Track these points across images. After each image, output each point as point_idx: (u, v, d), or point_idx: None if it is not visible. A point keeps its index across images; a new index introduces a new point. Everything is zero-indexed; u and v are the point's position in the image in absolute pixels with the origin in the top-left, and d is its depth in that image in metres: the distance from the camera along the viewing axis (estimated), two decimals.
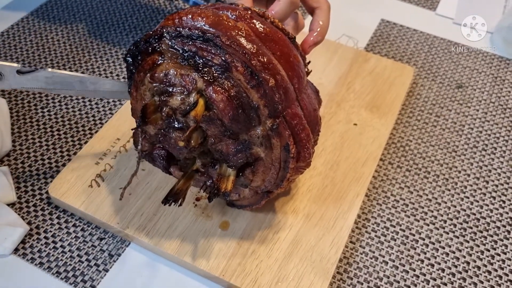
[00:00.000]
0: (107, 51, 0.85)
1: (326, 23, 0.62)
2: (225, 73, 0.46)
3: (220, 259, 0.59)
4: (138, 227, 0.61)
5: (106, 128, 0.71)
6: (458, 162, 0.73)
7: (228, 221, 0.62)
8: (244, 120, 0.47)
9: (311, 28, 0.61)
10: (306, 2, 0.63)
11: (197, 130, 0.48)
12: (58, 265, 0.59)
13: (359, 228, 0.65)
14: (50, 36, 0.87)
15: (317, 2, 0.63)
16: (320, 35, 0.61)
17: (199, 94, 0.47)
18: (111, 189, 0.64)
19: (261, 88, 0.46)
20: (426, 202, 0.68)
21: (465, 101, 0.82)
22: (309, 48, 0.59)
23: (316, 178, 0.67)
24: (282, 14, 0.57)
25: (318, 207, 0.64)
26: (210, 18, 0.48)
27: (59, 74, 0.58)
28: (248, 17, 0.49)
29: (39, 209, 0.64)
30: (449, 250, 0.64)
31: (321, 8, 0.63)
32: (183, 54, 0.47)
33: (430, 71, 0.86)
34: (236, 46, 0.46)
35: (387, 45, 0.91)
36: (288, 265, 0.59)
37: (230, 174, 0.52)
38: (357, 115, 0.75)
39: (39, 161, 0.69)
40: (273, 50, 0.48)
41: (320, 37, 0.61)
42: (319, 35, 0.61)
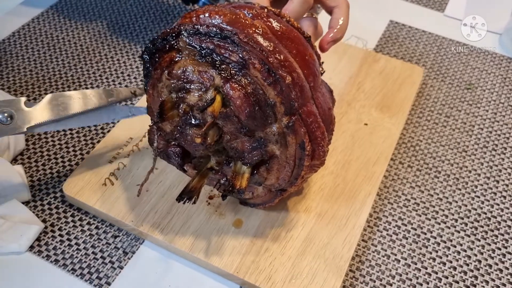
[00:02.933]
0: (118, 51, 0.86)
1: (345, 21, 0.62)
2: (242, 70, 0.47)
3: (234, 256, 0.59)
4: (152, 225, 0.61)
5: (118, 127, 0.72)
6: (469, 161, 0.73)
7: (241, 219, 0.62)
8: (261, 117, 0.48)
9: (330, 25, 0.62)
10: (324, 2, 0.63)
11: (214, 127, 0.49)
12: (73, 262, 0.60)
13: (371, 227, 0.65)
14: (61, 37, 0.88)
15: (335, 1, 0.63)
16: (340, 32, 0.61)
17: (216, 91, 0.47)
18: (125, 187, 0.65)
19: (278, 85, 0.47)
20: (437, 201, 0.68)
21: (475, 101, 0.82)
22: (327, 45, 0.60)
23: (327, 177, 0.67)
24: (295, 13, 0.57)
25: (330, 205, 0.65)
26: (227, 16, 0.48)
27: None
28: (265, 16, 0.50)
29: (53, 207, 0.65)
30: (460, 249, 0.64)
31: (339, 6, 0.63)
32: (200, 51, 0.48)
33: (439, 72, 0.87)
34: (254, 44, 0.47)
35: (396, 46, 0.91)
36: (302, 262, 0.59)
37: (244, 172, 0.53)
38: (367, 115, 0.76)
39: (52, 160, 0.70)
40: (289, 48, 0.49)
41: (340, 34, 0.61)
42: (339, 32, 0.61)
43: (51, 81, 0.80)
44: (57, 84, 0.80)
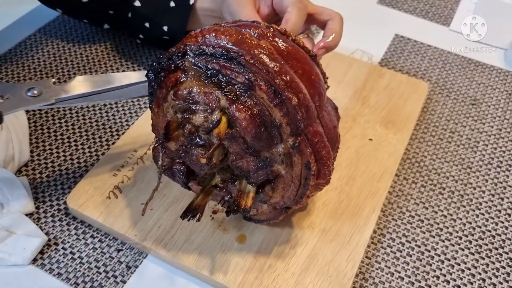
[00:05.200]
0: (124, 63, 0.86)
1: (339, 31, 0.64)
2: (248, 92, 0.47)
3: (237, 272, 0.59)
4: (156, 239, 0.61)
5: (123, 140, 0.72)
6: (473, 178, 0.73)
7: (245, 234, 0.62)
8: (266, 138, 0.48)
9: (324, 35, 0.63)
10: (317, 19, 0.64)
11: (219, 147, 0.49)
12: (76, 276, 0.60)
13: (375, 244, 0.65)
14: (67, 47, 0.88)
15: (328, 15, 0.65)
16: (333, 42, 0.63)
17: (222, 112, 0.47)
18: (129, 200, 0.65)
19: (284, 107, 0.47)
20: (442, 218, 0.68)
21: (480, 117, 0.82)
22: (319, 51, 0.61)
23: (332, 193, 0.67)
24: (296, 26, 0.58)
25: (334, 222, 0.65)
26: (233, 37, 0.48)
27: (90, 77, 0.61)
28: (271, 35, 0.50)
29: (57, 220, 0.65)
30: (464, 267, 0.64)
31: (333, 19, 0.64)
32: (206, 72, 0.48)
33: (444, 87, 0.87)
34: (260, 65, 0.47)
35: (401, 60, 0.91)
36: (305, 279, 0.59)
37: (250, 191, 0.53)
38: (372, 130, 0.75)
39: (56, 172, 0.70)
40: (295, 68, 0.49)
41: (333, 43, 0.63)
42: (332, 42, 0.62)
43: None
44: None
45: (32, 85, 0.59)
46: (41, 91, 0.58)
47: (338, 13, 0.66)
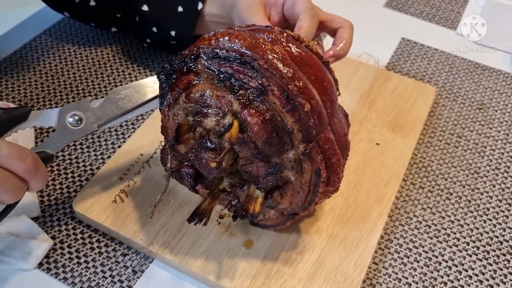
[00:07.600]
0: (130, 66, 0.86)
1: (349, 40, 0.64)
2: (261, 97, 0.46)
3: (244, 278, 0.59)
4: (162, 244, 0.61)
5: (129, 143, 0.71)
6: (481, 183, 0.73)
7: (252, 239, 0.62)
8: (277, 144, 0.48)
9: (334, 43, 0.63)
10: (328, 26, 0.64)
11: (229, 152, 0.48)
12: (82, 281, 0.60)
13: (382, 249, 0.65)
14: (73, 49, 0.87)
15: (339, 23, 0.64)
16: (343, 50, 0.62)
17: (234, 116, 0.47)
18: (135, 205, 0.64)
19: (296, 113, 0.47)
20: (449, 224, 0.68)
21: (487, 122, 0.82)
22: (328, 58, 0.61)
23: (339, 198, 0.67)
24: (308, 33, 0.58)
25: (341, 227, 0.64)
26: (247, 41, 0.48)
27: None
28: (284, 41, 0.49)
29: (62, 224, 0.65)
30: (472, 273, 0.63)
31: (344, 27, 0.64)
32: (219, 76, 0.48)
33: (451, 91, 0.86)
34: (273, 70, 0.46)
35: (408, 64, 0.91)
36: (312, 285, 0.59)
37: (258, 196, 0.52)
38: (379, 134, 0.75)
39: (62, 175, 0.70)
40: (308, 74, 0.48)
41: (343, 52, 0.62)
42: (342, 50, 0.62)
43: (61, 94, 0.80)
44: (68, 97, 0.80)
45: (71, 109, 0.58)
46: (81, 117, 0.58)
47: (348, 21, 0.65)
